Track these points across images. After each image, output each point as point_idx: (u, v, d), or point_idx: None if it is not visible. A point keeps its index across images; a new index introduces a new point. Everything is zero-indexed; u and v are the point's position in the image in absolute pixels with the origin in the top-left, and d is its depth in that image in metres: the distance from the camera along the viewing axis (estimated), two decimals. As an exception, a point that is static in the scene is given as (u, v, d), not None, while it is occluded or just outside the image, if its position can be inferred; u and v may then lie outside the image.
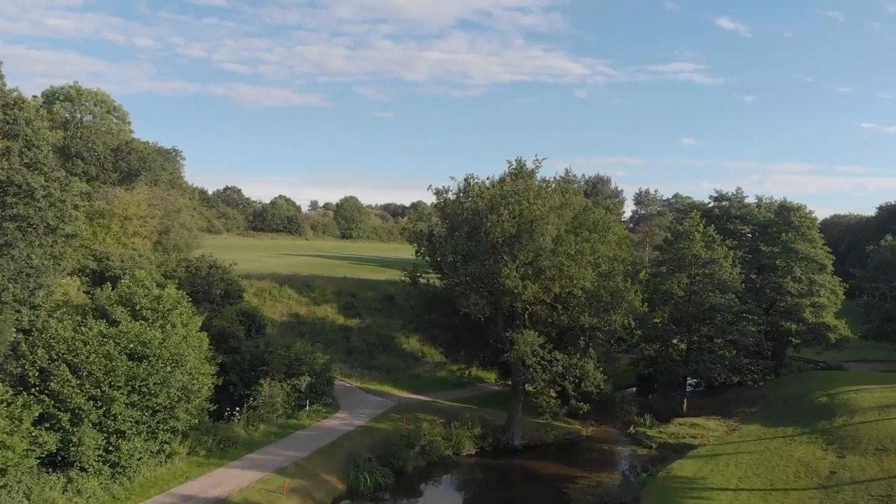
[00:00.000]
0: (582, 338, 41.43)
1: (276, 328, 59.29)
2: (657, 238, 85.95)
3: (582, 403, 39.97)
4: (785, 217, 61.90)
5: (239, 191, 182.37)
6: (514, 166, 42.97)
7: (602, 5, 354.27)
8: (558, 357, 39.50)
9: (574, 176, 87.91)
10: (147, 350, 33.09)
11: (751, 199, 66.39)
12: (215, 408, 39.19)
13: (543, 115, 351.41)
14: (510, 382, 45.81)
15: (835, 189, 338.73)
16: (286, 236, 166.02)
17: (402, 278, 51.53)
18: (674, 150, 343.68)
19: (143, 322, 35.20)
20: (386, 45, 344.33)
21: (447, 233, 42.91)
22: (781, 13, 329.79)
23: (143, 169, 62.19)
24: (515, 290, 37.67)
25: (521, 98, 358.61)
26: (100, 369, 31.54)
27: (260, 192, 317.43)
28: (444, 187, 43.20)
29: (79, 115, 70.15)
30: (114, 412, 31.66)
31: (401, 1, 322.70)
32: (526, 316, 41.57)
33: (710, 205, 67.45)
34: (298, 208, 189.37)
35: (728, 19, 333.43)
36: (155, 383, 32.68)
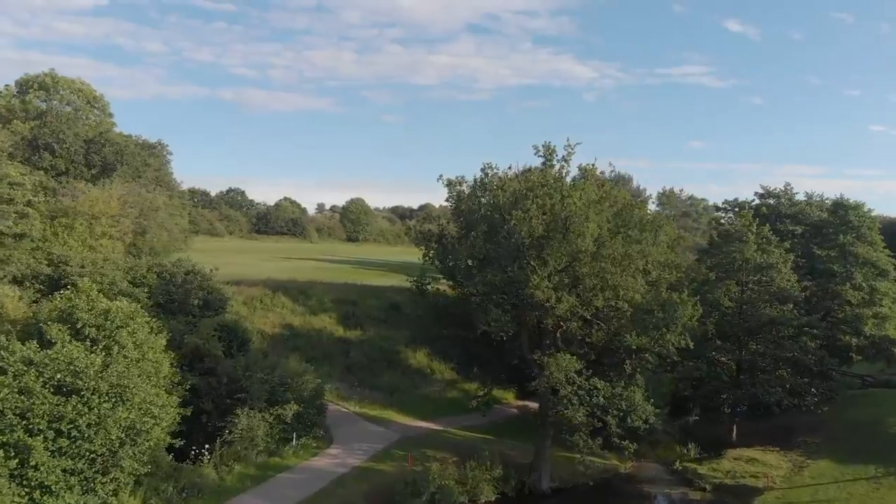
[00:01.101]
0: (627, 361, 33.50)
1: (266, 341, 51.72)
2: (686, 240, 77.72)
3: (628, 443, 31.98)
4: (841, 216, 53.79)
5: (242, 192, 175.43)
6: (541, 152, 35.08)
7: (610, 9, 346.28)
8: (599, 385, 31.64)
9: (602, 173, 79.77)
10: (79, 381, 25.54)
11: (800, 196, 58.20)
12: (182, 443, 31.87)
13: (551, 119, 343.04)
14: (538, 410, 37.90)
15: (844, 193, 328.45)
16: (290, 239, 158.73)
17: (409, 284, 44.09)
18: (682, 152, 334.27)
19: (83, 343, 27.80)
20: (394, 49, 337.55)
21: (461, 233, 35.29)
22: (789, 15, 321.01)
23: (119, 163, 54.78)
24: (547, 304, 29.91)
25: (529, 101, 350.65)
26: (12, 409, 24.04)
27: (267, 194, 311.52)
28: (457, 178, 35.53)
29: (55, 105, 62.81)
30: (33, 462, 24.19)
31: (409, 5, 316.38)
32: (558, 334, 33.75)
33: (755, 202, 59.23)
34: (303, 210, 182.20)
35: (736, 22, 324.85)
36: (88, 425, 25.16)
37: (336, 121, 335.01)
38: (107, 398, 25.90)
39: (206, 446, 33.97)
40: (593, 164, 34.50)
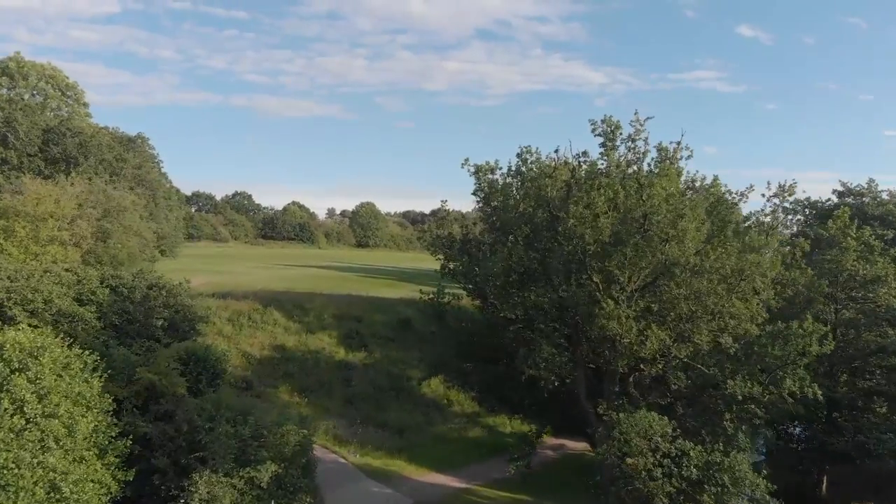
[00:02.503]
0: (727, 416, 23.91)
1: (251, 367, 42.57)
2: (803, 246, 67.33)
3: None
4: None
5: (249, 196, 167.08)
6: (599, 130, 25.65)
7: (621, 14, 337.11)
8: (689, 451, 22.10)
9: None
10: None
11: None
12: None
13: (563, 125, 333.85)
14: (598, 473, 28.14)
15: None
16: (297, 245, 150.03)
17: (422, 297, 35.03)
18: (695, 158, 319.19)
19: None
20: (405, 55, 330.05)
21: (493, 237, 25.98)
22: (802, 20, 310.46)
23: (81, 156, 45.90)
24: (623, 340, 20.52)
25: (541, 107, 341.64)
26: None
27: (276, 200, 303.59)
28: (487, 163, 26.27)
29: (20, 93, 54.05)
30: None
31: (420, 12, 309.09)
32: (631, 380, 24.30)
33: (830, 201, 49.27)
34: (312, 215, 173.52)
35: (749, 27, 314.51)
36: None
37: (347, 127, 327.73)
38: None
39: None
40: (678, 144, 24.98)
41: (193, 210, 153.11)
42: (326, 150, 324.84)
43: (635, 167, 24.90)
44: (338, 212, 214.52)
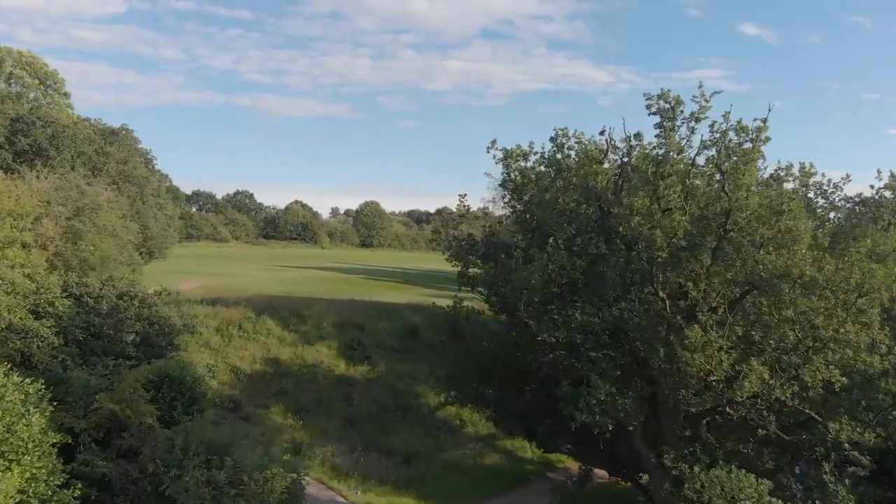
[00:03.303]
0: (825, 465, 18.80)
1: (239, 385, 37.59)
2: None
3: None
4: None
5: (251, 195, 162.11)
6: (655, 106, 20.53)
7: (625, 13, 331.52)
8: (781, 512, 16.94)
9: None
10: None
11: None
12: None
13: (567, 123, 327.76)
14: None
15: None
16: (299, 245, 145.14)
17: (437, 306, 29.97)
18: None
19: None
20: (408, 55, 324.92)
21: (525, 239, 20.92)
22: (807, 19, 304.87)
23: (53, 148, 40.94)
24: (712, 378, 15.46)
25: (545, 106, 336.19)
26: None
27: (279, 199, 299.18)
28: (518, 147, 21.22)
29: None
30: None
31: (423, 11, 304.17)
32: (705, 422, 19.21)
33: (879, 193, 43.24)
34: (315, 214, 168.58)
35: (753, 26, 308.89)
36: None
37: (351, 126, 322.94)
38: None
39: None
40: (763, 122, 19.67)
41: (194, 209, 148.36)
42: (330, 150, 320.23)
43: (711, 151, 19.84)
44: (341, 211, 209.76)
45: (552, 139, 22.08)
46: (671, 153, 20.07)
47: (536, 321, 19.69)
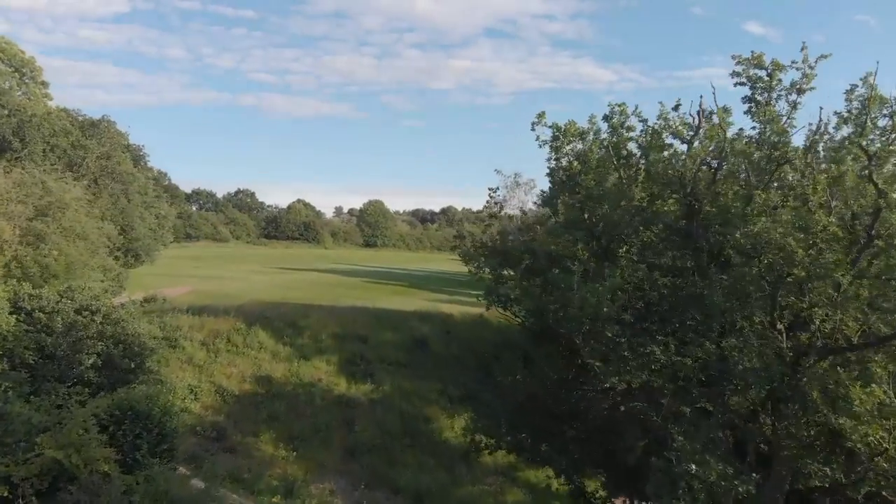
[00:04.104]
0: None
1: (224, 409, 32.60)
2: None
3: None
4: None
5: (252, 194, 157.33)
6: (747, 75, 15.50)
7: (628, 12, 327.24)
8: None
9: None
10: None
11: None
12: None
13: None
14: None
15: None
16: (302, 245, 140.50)
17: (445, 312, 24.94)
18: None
19: None
20: (413, 54, 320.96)
21: (586, 248, 15.90)
22: (811, 18, 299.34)
23: (17, 139, 36.07)
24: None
25: (549, 105, 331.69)
26: None
27: (282, 198, 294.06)
28: (572, 124, 16.26)
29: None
30: None
31: (427, 10, 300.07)
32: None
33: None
34: (318, 214, 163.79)
35: (757, 24, 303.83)
36: None
37: (355, 126, 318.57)
38: None
39: None
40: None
41: (193, 208, 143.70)
42: (334, 149, 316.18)
43: (842, 130, 14.95)
44: (345, 210, 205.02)
45: (606, 118, 17.11)
46: (766, 134, 15.15)
47: (602, 360, 14.67)
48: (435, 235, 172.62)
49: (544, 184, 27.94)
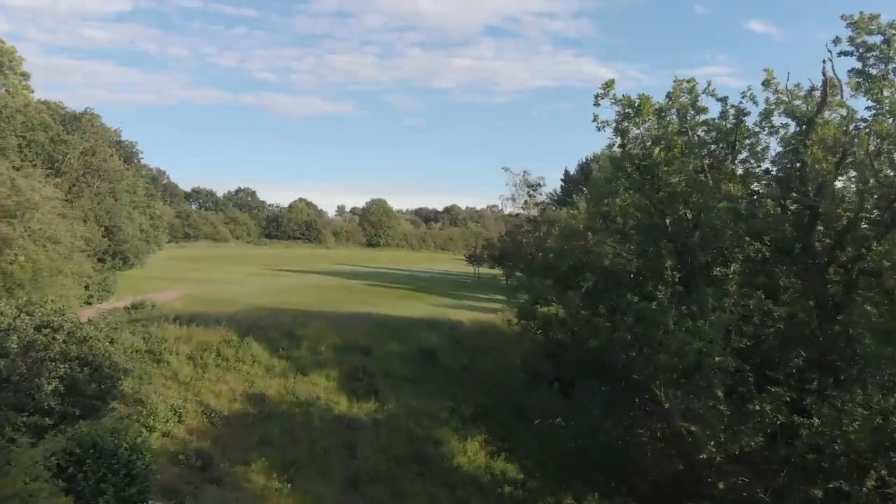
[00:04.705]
0: None
1: (211, 433, 28.98)
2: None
3: None
4: None
5: (253, 193, 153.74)
6: (856, 43, 11.85)
7: (630, 10, 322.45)
8: None
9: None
10: None
11: None
12: None
13: (574, 121, 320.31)
14: None
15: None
16: (303, 245, 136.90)
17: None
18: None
19: None
20: (415, 53, 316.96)
21: (681, 266, 12.15)
22: (814, 15, 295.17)
23: (-16, 133, 32.61)
24: None
25: (551, 104, 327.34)
26: None
27: (284, 197, 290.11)
28: (646, 99, 12.58)
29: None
30: None
31: (429, 9, 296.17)
32: None
33: None
34: (320, 213, 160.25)
35: (760, 22, 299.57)
36: None
37: (357, 125, 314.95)
38: None
39: None
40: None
41: (193, 207, 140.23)
42: (336, 148, 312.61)
43: None
44: (347, 209, 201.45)
45: (669, 96, 13.38)
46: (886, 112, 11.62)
47: (701, 425, 10.88)
48: (438, 235, 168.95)
49: (553, 183, 24.24)
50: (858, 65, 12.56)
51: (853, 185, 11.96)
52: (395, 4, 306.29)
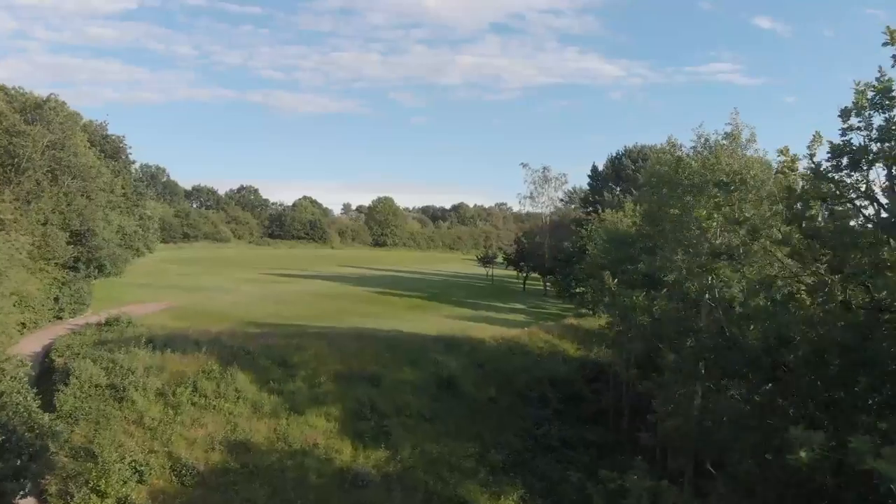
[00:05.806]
0: None
1: (186, 492, 22.68)
2: None
3: None
4: None
5: (256, 191, 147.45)
6: None
7: (635, 6, 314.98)
8: None
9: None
10: None
11: None
12: None
13: (579, 118, 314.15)
14: None
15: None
16: (307, 244, 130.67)
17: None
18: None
19: None
20: (420, 49, 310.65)
21: None
22: (821, 12, 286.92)
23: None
24: None
25: (556, 101, 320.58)
26: None
27: (288, 195, 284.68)
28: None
29: None
30: None
31: (434, 6, 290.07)
32: None
33: None
34: (325, 211, 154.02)
35: (766, 19, 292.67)
36: None
37: (362, 122, 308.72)
38: None
39: None
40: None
41: (193, 206, 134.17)
42: (341, 146, 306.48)
43: None
44: (353, 207, 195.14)
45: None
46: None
47: None
48: (447, 234, 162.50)
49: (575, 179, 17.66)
50: None
51: None
52: (400, 1, 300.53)
